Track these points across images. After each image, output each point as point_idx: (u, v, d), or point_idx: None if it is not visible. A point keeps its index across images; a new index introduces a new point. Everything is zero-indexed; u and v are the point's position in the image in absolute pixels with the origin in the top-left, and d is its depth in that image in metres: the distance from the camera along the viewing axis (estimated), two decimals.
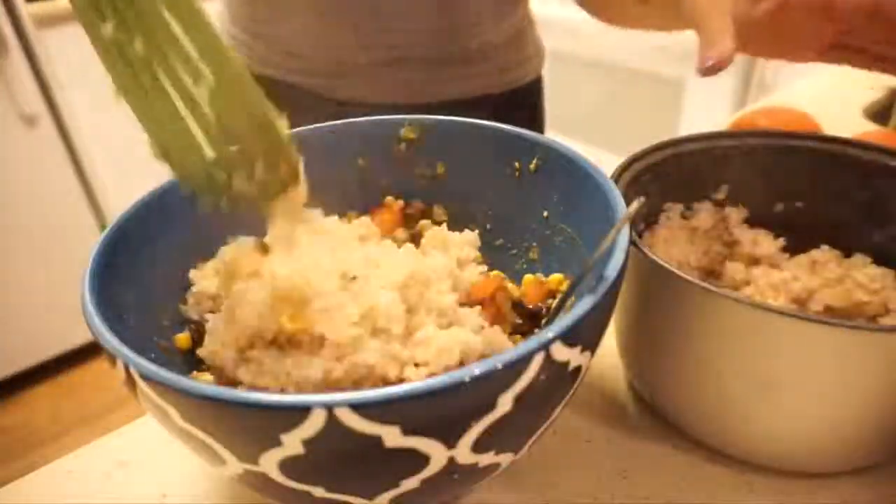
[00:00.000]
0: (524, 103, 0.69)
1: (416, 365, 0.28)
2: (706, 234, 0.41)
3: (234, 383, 0.29)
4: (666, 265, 0.29)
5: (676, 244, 0.40)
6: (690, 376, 0.32)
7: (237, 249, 0.32)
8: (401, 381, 0.27)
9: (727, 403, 0.31)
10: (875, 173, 0.37)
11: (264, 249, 0.32)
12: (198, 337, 0.31)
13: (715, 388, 0.31)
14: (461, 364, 0.28)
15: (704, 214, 0.41)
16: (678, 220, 0.41)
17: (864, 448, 0.31)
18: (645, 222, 0.40)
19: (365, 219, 0.38)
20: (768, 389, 0.29)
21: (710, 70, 0.33)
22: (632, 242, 0.30)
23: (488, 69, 0.63)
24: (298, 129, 0.38)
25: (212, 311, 0.32)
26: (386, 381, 0.27)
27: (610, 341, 0.35)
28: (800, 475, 0.33)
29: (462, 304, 0.32)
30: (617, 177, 0.36)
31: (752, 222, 0.41)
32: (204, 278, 0.33)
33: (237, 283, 0.30)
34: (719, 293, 0.28)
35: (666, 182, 0.39)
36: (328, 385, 0.27)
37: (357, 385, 0.27)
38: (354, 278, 0.29)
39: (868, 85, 0.75)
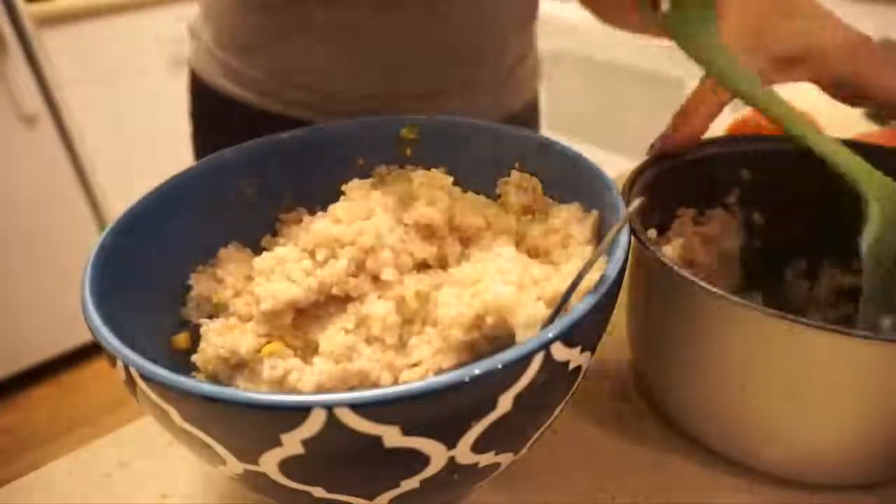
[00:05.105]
0: (527, 119, 0.69)
1: (414, 365, 0.28)
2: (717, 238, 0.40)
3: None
4: (690, 277, 0.28)
5: (687, 250, 0.39)
6: (711, 388, 0.32)
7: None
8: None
9: (750, 416, 0.31)
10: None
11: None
12: (197, 338, 0.31)
13: (737, 401, 0.31)
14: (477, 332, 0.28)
15: (716, 221, 0.40)
16: (690, 226, 0.40)
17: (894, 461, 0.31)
18: (658, 229, 0.39)
19: None
20: (793, 402, 0.29)
21: (652, 151, 0.35)
22: (649, 249, 0.30)
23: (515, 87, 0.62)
24: (296, 130, 0.38)
25: (211, 316, 0.32)
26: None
27: (610, 342, 0.35)
28: (804, 485, 0.33)
29: None
30: (632, 182, 0.35)
31: (765, 226, 0.41)
32: (204, 282, 0.33)
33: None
34: (743, 304, 0.27)
35: (679, 187, 0.39)
36: (321, 392, 0.27)
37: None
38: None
39: None
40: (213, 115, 0.61)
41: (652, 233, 0.32)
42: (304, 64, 0.54)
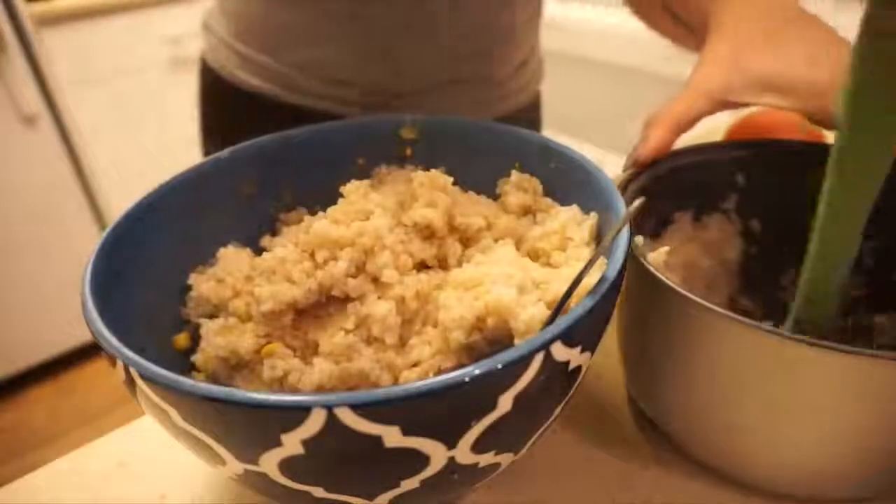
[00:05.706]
0: (530, 118, 0.69)
1: (414, 365, 0.28)
2: (717, 244, 0.40)
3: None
4: (677, 288, 0.28)
5: (686, 256, 0.39)
6: (700, 402, 0.31)
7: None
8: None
9: (738, 430, 0.30)
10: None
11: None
12: (197, 338, 0.31)
13: (726, 415, 0.30)
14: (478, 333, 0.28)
15: (713, 227, 0.40)
16: (689, 231, 0.40)
17: (886, 476, 0.30)
18: (652, 234, 0.38)
19: None
20: (783, 417, 0.28)
21: (630, 166, 0.36)
22: (639, 260, 0.29)
23: (518, 87, 0.62)
24: (296, 129, 0.38)
25: (211, 316, 0.32)
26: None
27: (611, 344, 0.35)
28: (797, 498, 0.32)
29: None
30: (625, 185, 0.35)
31: (762, 232, 0.40)
32: (204, 282, 0.33)
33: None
34: (730, 317, 0.26)
35: (675, 192, 0.38)
36: (321, 392, 0.27)
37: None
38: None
39: None
40: (228, 108, 0.61)
41: (640, 239, 0.32)
42: (335, 59, 0.54)
